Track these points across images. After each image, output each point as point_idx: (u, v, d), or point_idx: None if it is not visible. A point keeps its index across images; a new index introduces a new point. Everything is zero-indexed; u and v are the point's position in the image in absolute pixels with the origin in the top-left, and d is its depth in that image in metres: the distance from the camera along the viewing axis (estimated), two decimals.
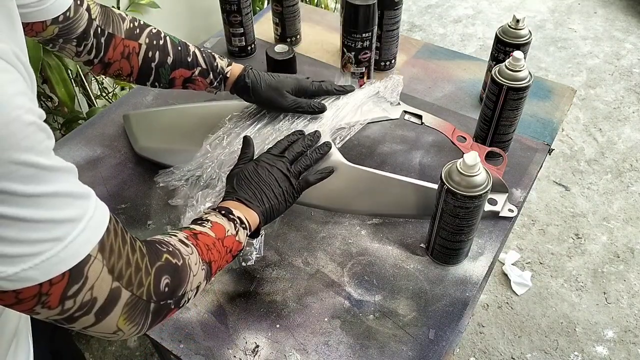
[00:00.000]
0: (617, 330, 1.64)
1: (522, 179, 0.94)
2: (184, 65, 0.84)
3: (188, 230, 0.61)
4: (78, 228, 0.42)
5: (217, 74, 0.87)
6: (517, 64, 0.85)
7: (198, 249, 0.59)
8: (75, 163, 0.96)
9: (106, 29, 0.78)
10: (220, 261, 0.62)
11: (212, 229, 0.63)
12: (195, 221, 0.65)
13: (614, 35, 2.88)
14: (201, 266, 0.58)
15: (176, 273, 0.53)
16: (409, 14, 3.06)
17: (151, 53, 0.81)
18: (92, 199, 0.45)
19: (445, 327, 0.74)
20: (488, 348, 1.61)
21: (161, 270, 0.51)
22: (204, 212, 0.67)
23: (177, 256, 0.54)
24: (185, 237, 0.59)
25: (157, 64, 0.82)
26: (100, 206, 0.46)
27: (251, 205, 0.71)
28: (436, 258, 0.81)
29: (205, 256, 0.59)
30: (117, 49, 0.79)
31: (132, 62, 0.81)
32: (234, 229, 0.66)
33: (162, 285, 0.51)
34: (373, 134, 1.02)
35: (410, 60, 1.22)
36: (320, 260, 0.82)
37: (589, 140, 2.29)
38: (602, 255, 1.85)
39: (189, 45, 0.86)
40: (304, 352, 0.71)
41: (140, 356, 1.58)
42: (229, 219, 0.66)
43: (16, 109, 0.38)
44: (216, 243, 0.62)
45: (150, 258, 0.50)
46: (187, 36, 1.86)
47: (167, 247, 0.54)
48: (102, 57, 0.79)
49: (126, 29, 0.80)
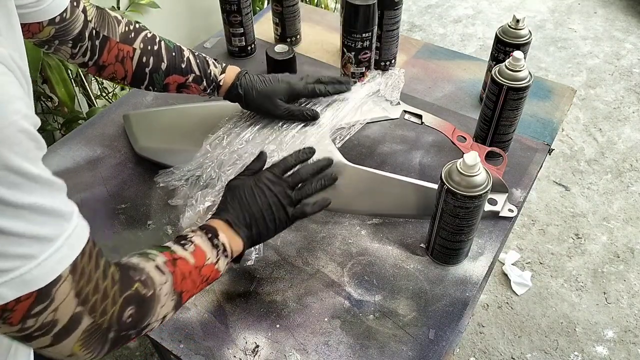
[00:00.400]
0: (617, 330, 1.64)
1: (522, 179, 0.94)
2: (178, 71, 0.84)
3: (169, 253, 0.59)
4: (54, 246, 0.41)
5: (210, 81, 0.86)
6: (517, 64, 0.85)
7: (173, 277, 0.57)
8: (75, 163, 0.97)
9: (101, 32, 0.77)
10: (193, 290, 0.61)
11: (193, 254, 0.61)
12: (180, 240, 0.63)
13: (614, 35, 2.88)
14: (171, 297, 0.56)
15: (143, 304, 0.52)
16: (409, 14, 3.06)
17: (145, 58, 0.81)
18: (74, 218, 0.44)
19: (445, 327, 0.74)
20: (488, 348, 1.61)
21: (128, 301, 0.49)
22: (191, 230, 0.66)
23: (148, 286, 0.53)
24: (163, 262, 0.57)
25: (151, 69, 0.82)
26: (80, 226, 0.45)
27: (238, 230, 0.68)
28: (436, 258, 0.81)
29: (178, 286, 0.58)
30: (112, 53, 0.79)
31: (126, 66, 0.81)
32: (215, 256, 0.64)
33: (125, 315, 0.49)
34: (373, 134, 1.02)
35: (410, 60, 1.22)
36: (320, 260, 0.82)
37: (589, 140, 2.29)
38: (602, 255, 1.85)
39: (183, 50, 0.85)
40: (304, 352, 0.71)
41: (140, 356, 1.58)
42: (212, 244, 0.64)
43: (13, 113, 0.37)
44: (193, 272, 0.60)
45: (120, 286, 0.49)
46: (187, 36, 1.86)
47: (140, 275, 0.53)
48: (96, 60, 0.79)
49: (121, 33, 0.79)
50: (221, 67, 0.88)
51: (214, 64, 0.87)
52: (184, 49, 0.85)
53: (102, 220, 0.88)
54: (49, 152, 0.99)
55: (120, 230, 0.87)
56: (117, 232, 0.87)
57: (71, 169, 0.96)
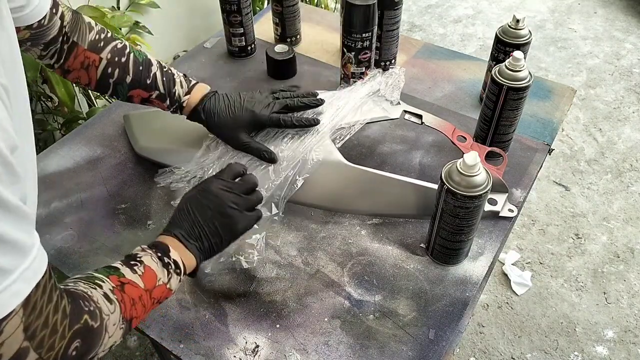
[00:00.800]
0: (617, 330, 1.64)
1: (522, 179, 0.94)
2: (142, 86, 0.82)
3: (116, 277, 0.58)
4: (10, 279, 0.40)
5: (173, 101, 0.84)
6: (517, 64, 0.85)
7: (122, 305, 0.55)
8: (75, 163, 0.97)
9: (72, 37, 0.76)
10: (143, 315, 0.60)
11: (142, 277, 0.60)
12: (129, 260, 0.62)
13: (614, 35, 2.88)
14: (120, 325, 0.55)
15: (89, 336, 0.50)
16: (409, 14, 3.06)
17: (110, 69, 0.80)
18: (34, 250, 0.43)
19: (445, 327, 0.74)
20: (488, 348, 1.61)
21: (76, 334, 0.48)
22: (141, 249, 0.64)
23: (96, 318, 0.51)
24: (111, 289, 0.56)
25: (115, 80, 0.81)
26: (38, 258, 0.44)
27: (188, 244, 0.67)
28: (436, 258, 0.81)
29: (127, 313, 0.56)
30: (78, 59, 0.78)
31: (91, 74, 0.80)
32: (166, 276, 0.63)
33: (71, 349, 0.47)
34: (373, 134, 1.02)
35: (410, 60, 1.22)
36: (320, 260, 0.82)
37: (589, 140, 2.29)
38: (602, 255, 1.85)
39: (151, 65, 0.83)
40: (304, 352, 0.71)
41: (140, 356, 1.58)
42: (163, 264, 0.63)
43: None
44: (143, 296, 0.59)
45: (70, 320, 0.47)
46: (187, 36, 1.86)
47: (89, 306, 0.51)
48: (62, 64, 0.78)
49: (90, 40, 0.78)
50: (187, 87, 0.85)
51: (180, 83, 0.85)
52: (152, 64, 0.83)
53: (102, 220, 0.88)
54: (49, 152, 1.00)
55: (120, 230, 0.87)
56: (117, 232, 0.87)
57: (71, 169, 0.96)
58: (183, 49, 1.81)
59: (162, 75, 0.83)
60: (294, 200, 0.86)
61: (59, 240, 0.85)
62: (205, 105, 0.84)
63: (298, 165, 0.84)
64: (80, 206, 0.90)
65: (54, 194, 0.92)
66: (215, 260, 0.76)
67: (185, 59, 1.23)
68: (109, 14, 1.39)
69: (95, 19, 1.30)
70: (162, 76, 0.83)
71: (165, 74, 0.84)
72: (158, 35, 1.66)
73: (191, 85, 0.86)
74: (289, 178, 0.84)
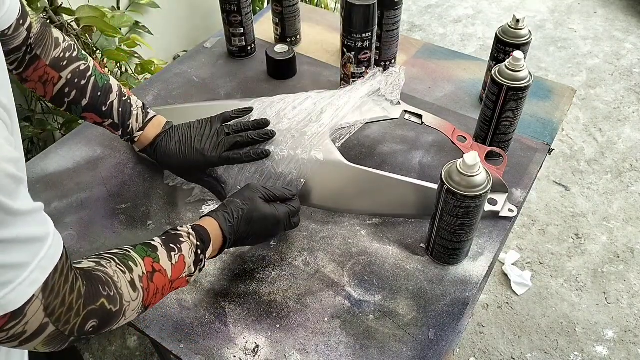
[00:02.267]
0: (617, 330, 1.64)
1: (522, 179, 0.94)
2: (97, 112, 0.82)
3: (150, 261, 0.61)
4: (28, 270, 0.43)
5: (126, 133, 0.84)
6: (517, 64, 0.85)
7: (146, 293, 0.59)
8: (75, 163, 0.97)
9: (35, 49, 0.75)
10: (157, 302, 0.63)
11: (174, 267, 0.63)
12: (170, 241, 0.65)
13: (614, 35, 2.88)
14: (138, 311, 0.59)
15: (107, 318, 0.54)
16: (409, 14, 3.06)
17: (68, 89, 0.79)
18: (49, 239, 0.46)
19: (445, 327, 0.74)
20: (488, 348, 1.61)
21: (91, 314, 0.51)
22: (186, 233, 0.67)
23: (115, 302, 0.54)
24: (140, 275, 0.59)
25: (71, 100, 0.80)
26: (54, 245, 0.46)
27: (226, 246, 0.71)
28: (436, 258, 0.81)
29: (147, 301, 0.60)
30: (37, 72, 0.77)
31: (47, 89, 0.79)
32: (192, 272, 0.66)
33: (87, 326, 0.51)
34: (373, 134, 1.02)
35: (410, 60, 1.22)
36: (320, 260, 0.82)
37: (589, 140, 2.29)
38: (602, 255, 1.85)
39: (111, 93, 0.82)
40: (304, 352, 0.71)
41: (140, 356, 1.58)
42: (196, 259, 0.66)
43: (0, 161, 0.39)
44: (166, 286, 0.62)
45: (85, 300, 0.51)
46: (187, 36, 1.86)
47: (109, 291, 0.54)
48: (21, 72, 0.77)
49: (54, 57, 0.77)
50: (142, 122, 0.84)
51: (136, 117, 0.84)
52: (112, 91, 0.82)
53: (102, 220, 0.88)
54: (49, 152, 1.00)
55: (120, 230, 0.87)
56: (117, 232, 0.87)
57: (71, 169, 0.96)
58: (183, 49, 1.81)
59: (119, 104, 0.83)
60: None
61: None
62: (157, 147, 0.84)
63: (298, 166, 0.84)
64: (80, 206, 0.90)
65: (54, 194, 0.92)
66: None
67: (185, 59, 1.23)
68: (109, 14, 1.39)
69: (95, 19, 1.30)
70: (119, 106, 0.82)
71: (123, 104, 0.83)
72: (158, 35, 1.66)
73: (147, 120, 0.85)
74: (288, 178, 0.84)
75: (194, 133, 0.85)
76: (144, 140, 0.85)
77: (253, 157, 0.85)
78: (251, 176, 0.86)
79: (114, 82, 0.83)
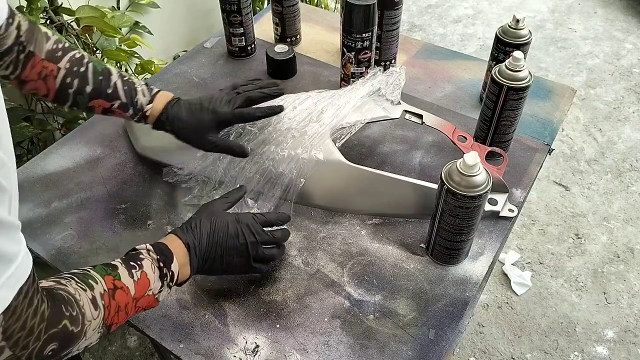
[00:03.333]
0: (617, 330, 1.64)
1: (522, 179, 0.94)
2: (103, 96, 0.80)
3: (111, 279, 0.59)
4: None
5: (136, 110, 0.82)
6: (517, 64, 0.85)
7: (107, 311, 0.57)
8: (75, 163, 0.97)
9: (28, 47, 0.74)
10: (123, 321, 0.61)
11: (137, 283, 0.61)
12: (129, 260, 0.63)
13: (614, 35, 2.88)
14: (99, 330, 0.56)
15: (67, 341, 0.51)
16: (409, 14, 3.06)
17: (69, 79, 0.77)
18: (19, 257, 0.44)
19: (445, 327, 0.74)
20: (488, 348, 1.60)
21: (52, 337, 0.49)
22: (147, 249, 0.65)
23: (77, 323, 0.52)
24: (101, 293, 0.57)
25: (75, 90, 0.79)
26: (22, 266, 0.44)
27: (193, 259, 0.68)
28: (436, 258, 0.81)
29: (109, 319, 0.57)
30: (35, 69, 0.76)
31: (49, 84, 0.77)
32: (158, 288, 0.64)
33: (47, 350, 0.49)
34: (373, 134, 1.02)
35: (410, 60, 1.22)
36: (320, 260, 0.82)
37: (589, 140, 2.29)
38: (602, 255, 1.85)
39: (111, 75, 0.81)
40: (304, 352, 0.71)
41: (140, 356, 1.58)
42: (161, 274, 0.64)
43: None
44: (129, 304, 0.60)
45: (47, 324, 0.49)
46: (187, 36, 1.86)
47: (72, 311, 0.52)
48: (18, 74, 0.75)
49: (48, 50, 0.76)
50: (150, 96, 0.83)
51: (142, 92, 0.83)
52: (112, 73, 0.81)
53: (102, 220, 0.88)
54: (49, 152, 1.00)
55: (120, 230, 0.87)
56: (117, 232, 0.87)
57: (71, 169, 0.96)
58: (183, 49, 1.81)
59: (122, 84, 0.81)
60: (295, 200, 0.86)
61: (58, 240, 0.85)
62: (169, 114, 0.82)
63: (299, 165, 0.84)
64: (80, 206, 0.90)
65: (54, 194, 0.92)
66: None
67: (185, 59, 1.23)
68: (109, 14, 1.39)
69: (95, 19, 1.30)
70: (123, 85, 0.81)
71: (126, 82, 0.82)
72: (158, 35, 1.66)
73: (153, 93, 0.84)
74: (287, 177, 0.84)
75: (204, 97, 0.85)
76: (155, 113, 0.83)
77: (267, 113, 0.84)
78: (252, 176, 0.86)
79: (110, 66, 0.83)
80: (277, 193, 0.86)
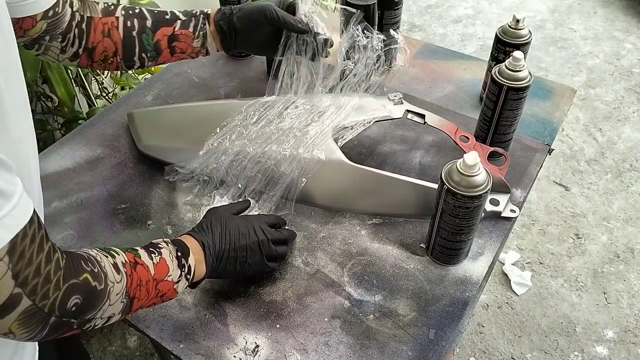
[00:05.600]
0: (617, 330, 1.64)
1: (522, 179, 0.94)
2: (164, 23, 0.84)
3: (132, 255, 0.59)
4: None
5: (197, 19, 0.85)
6: (517, 64, 0.85)
7: (129, 279, 0.56)
8: (75, 163, 0.97)
9: (85, 14, 0.79)
10: (145, 301, 0.60)
11: (156, 265, 0.61)
12: (149, 247, 0.63)
13: (614, 35, 2.88)
14: (122, 298, 0.55)
15: (90, 296, 0.51)
16: (409, 14, 3.06)
17: (129, 22, 0.82)
18: (14, 198, 0.43)
19: (445, 327, 0.74)
20: (488, 348, 1.61)
21: (74, 289, 0.49)
22: (163, 241, 0.66)
23: (99, 279, 0.52)
24: (122, 262, 0.57)
25: (138, 31, 0.82)
26: (20, 206, 0.43)
27: (208, 258, 0.68)
28: (436, 258, 0.81)
29: (131, 290, 0.57)
30: (98, 30, 0.80)
31: (114, 37, 0.81)
32: (177, 276, 0.64)
33: (70, 303, 0.48)
34: (373, 134, 1.02)
35: (410, 60, 1.21)
36: (320, 260, 0.82)
37: (589, 140, 2.29)
38: (602, 255, 1.85)
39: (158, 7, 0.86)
40: (304, 352, 0.71)
41: (140, 356, 1.58)
42: (179, 264, 0.64)
43: None
44: (150, 282, 0.60)
45: (65, 273, 0.48)
46: None
47: (93, 267, 0.52)
48: (85, 44, 0.79)
49: (102, 9, 0.81)
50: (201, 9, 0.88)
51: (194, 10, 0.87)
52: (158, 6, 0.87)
53: (102, 220, 0.88)
54: (49, 152, 0.99)
55: (120, 230, 0.87)
56: (117, 232, 0.87)
57: (71, 169, 0.96)
58: None
59: (177, 11, 0.86)
60: (296, 199, 0.86)
61: (58, 240, 0.85)
62: (225, 14, 0.86)
63: (300, 165, 0.84)
64: (80, 206, 0.90)
65: (54, 194, 0.92)
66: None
67: (185, 59, 1.23)
68: None
69: None
70: (177, 11, 0.86)
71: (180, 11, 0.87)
72: None
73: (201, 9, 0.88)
74: (289, 176, 0.84)
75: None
76: (215, 18, 0.85)
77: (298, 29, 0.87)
78: (253, 175, 0.86)
79: None
80: (279, 192, 0.86)
